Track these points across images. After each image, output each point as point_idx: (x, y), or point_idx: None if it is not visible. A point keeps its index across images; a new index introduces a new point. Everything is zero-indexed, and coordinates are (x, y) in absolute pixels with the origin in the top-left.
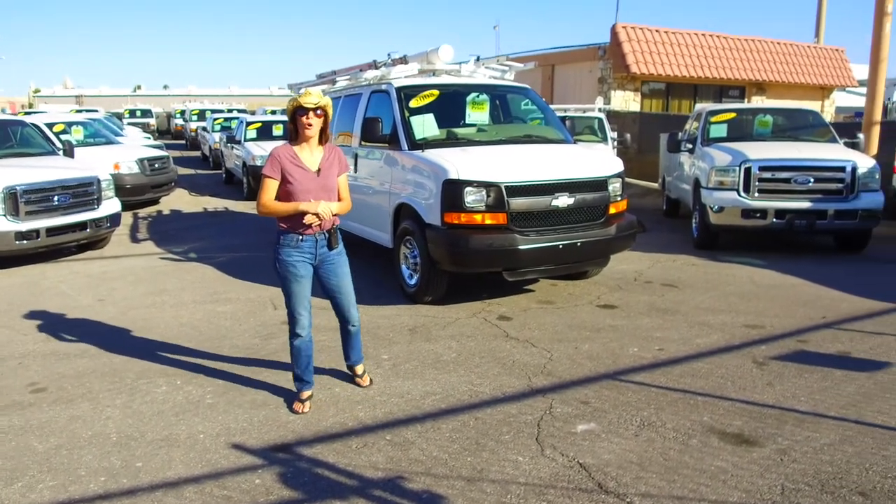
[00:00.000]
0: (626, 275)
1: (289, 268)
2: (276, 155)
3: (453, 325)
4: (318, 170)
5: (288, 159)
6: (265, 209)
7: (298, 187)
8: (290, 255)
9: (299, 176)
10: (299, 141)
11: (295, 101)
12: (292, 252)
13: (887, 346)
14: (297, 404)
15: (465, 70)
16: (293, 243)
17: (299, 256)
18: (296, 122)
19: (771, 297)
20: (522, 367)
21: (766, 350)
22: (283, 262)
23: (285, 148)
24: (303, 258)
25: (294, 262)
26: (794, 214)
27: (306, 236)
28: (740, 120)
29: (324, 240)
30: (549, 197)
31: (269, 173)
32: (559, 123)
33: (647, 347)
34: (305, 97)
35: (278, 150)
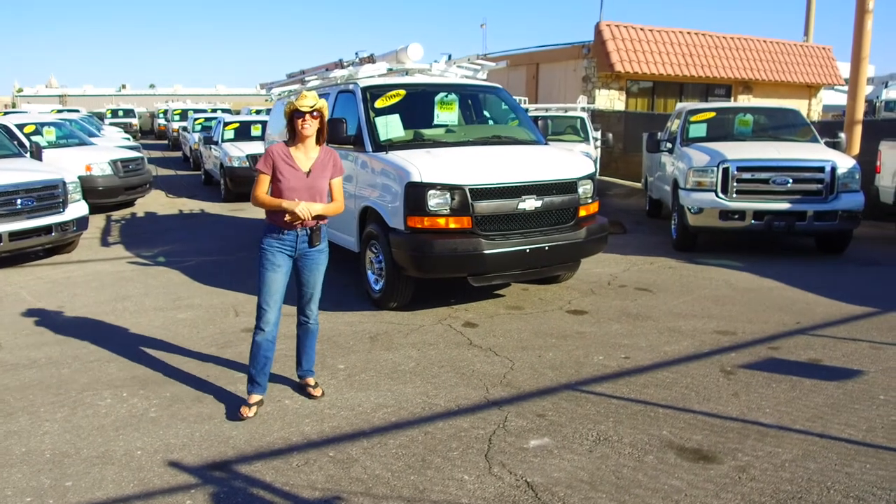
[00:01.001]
0: (600, 278)
1: (267, 255)
2: (270, 151)
3: (416, 333)
4: (308, 171)
5: (281, 157)
6: (255, 201)
7: (286, 185)
8: (270, 245)
9: (288, 175)
10: (296, 142)
11: (292, 104)
12: (273, 242)
13: (860, 353)
14: (244, 408)
15: (436, 69)
16: (274, 237)
17: (279, 246)
18: (293, 124)
19: (746, 302)
20: (481, 378)
21: (735, 358)
22: (263, 251)
23: (281, 146)
24: (282, 249)
25: (273, 252)
26: (772, 216)
27: (288, 230)
28: (720, 119)
29: (305, 236)
30: (515, 200)
31: (261, 168)
32: (531, 124)
33: (612, 355)
34: (301, 100)
35: (274, 147)
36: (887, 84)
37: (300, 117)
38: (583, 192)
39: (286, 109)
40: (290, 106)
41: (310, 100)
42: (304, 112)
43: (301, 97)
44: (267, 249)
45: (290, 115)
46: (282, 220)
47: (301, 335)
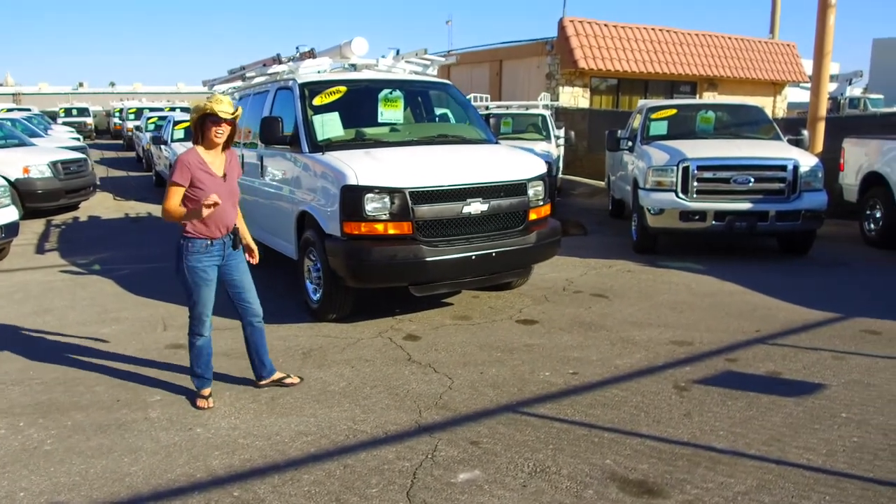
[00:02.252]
0: (555, 284)
1: (200, 273)
2: (185, 162)
3: (353, 348)
4: (223, 175)
5: (197, 165)
6: (169, 215)
7: (207, 192)
8: (200, 261)
9: (208, 182)
10: (205, 146)
11: (207, 107)
12: (202, 258)
13: (822, 363)
14: (201, 401)
15: (383, 65)
16: (202, 248)
17: (209, 261)
18: (205, 128)
19: (705, 308)
20: (416, 399)
21: (690, 372)
22: (193, 269)
23: (192, 154)
24: (212, 262)
25: (205, 268)
26: (734, 216)
27: (215, 240)
28: (682, 117)
29: (230, 241)
30: (459, 203)
31: (179, 181)
32: (481, 122)
33: (560, 371)
34: (220, 105)
35: (187, 156)
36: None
37: (216, 123)
38: (533, 194)
39: (195, 111)
40: (204, 108)
41: (227, 106)
42: (222, 119)
43: (216, 101)
44: (197, 267)
45: (201, 118)
46: (207, 229)
47: (255, 338)
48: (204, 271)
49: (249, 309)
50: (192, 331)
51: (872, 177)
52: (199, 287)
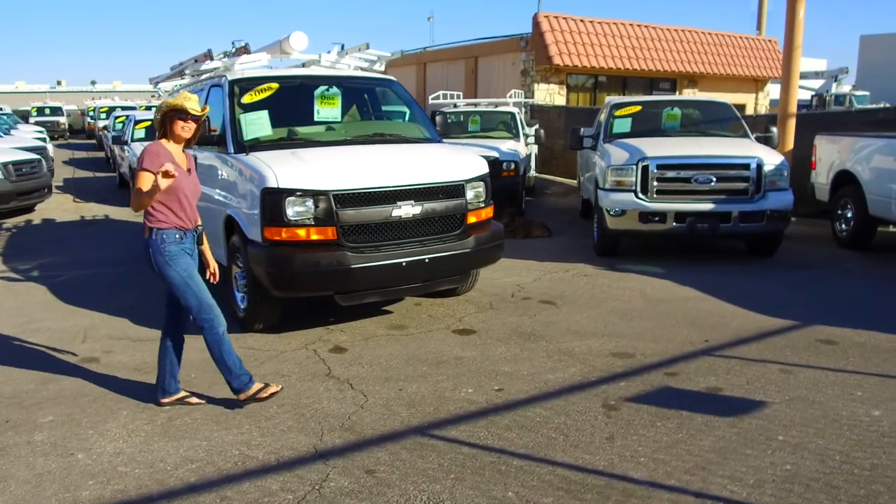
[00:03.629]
0: (505, 289)
1: (179, 260)
2: (154, 151)
3: (274, 361)
4: (189, 169)
5: (166, 156)
6: (140, 201)
7: (176, 184)
8: (180, 251)
9: (180, 175)
10: (170, 140)
11: (177, 103)
12: (180, 248)
13: (767, 378)
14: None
15: (326, 60)
16: (177, 240)
17: (184, 250)
18: (171, 123)
19: (656, 315)
20: (322, 420)
21: (624, 388)
22: (178, 256)
23: (159, 145)
24: (186, 251)
25: (183, 253)
26: (695, 217)
27: (187, 231)
28: (647, 113)
29: (196, 235)
30: (389, 206)
31: (149, 167)
32: (425, 120)
33: (485, 387)
34: (189, 102)
35: (156, 146)
36: (837, 78)
37: (183, 119)
38: (473, 195)
39: (163, 106)
40: (172, 104)
41: (195, 103)
42: (188, 115)
43: (185, 98)
44: (178, 255)
45: (168, 113)
46: (179, 219)
47: (177, 347)
48: (184, 257)
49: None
50: (210, 324)
51: (843, 175)
52: (192, 272)
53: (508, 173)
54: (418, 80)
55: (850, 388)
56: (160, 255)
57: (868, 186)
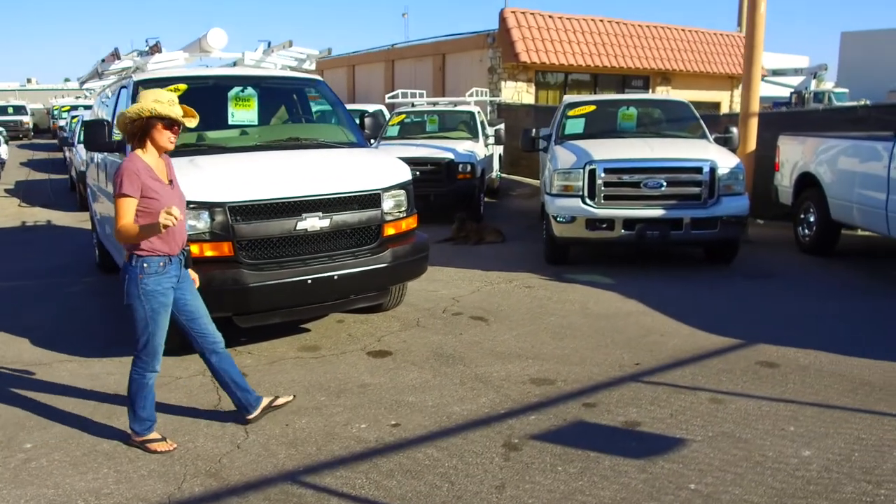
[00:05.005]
0: (438, 303)
1: (159, 297)
2: (133, 170)
3: (164, 389)
4: (170, 181)
5: (146, 173)
6: (128, 234)
7: (163, 202)
8: (159, 284)
9: (161, 190)
10: (148, 151)
11: (161, 111)
12: (161, 279)
13: (694, 409)
14: (158, 444)
15: (250, 59)
16: (159, 269)
17: (168, 283)
18: (152, 132)
19: (591, 333)
20: (190, 462)
21: (533, 423)
22: (153, 294)
23: (136, 160)
24: (170, 283)
25: (164, 291)
26: (644, 224)
27: (172, 258)
28: (601, 113)
29: (183, 258)
30: (293, 219)
31: (130, 192)
32: (350, 123)
33: (380, 422)
34: (174, 108)
35: (133, 163)
36: (816, 75)
37: (170, 127)
38: (392, 205)
39: (143, 112)
40: (159, 110)
41: (178, 107)
42: (176, 123)
43: (168, 101)
44: (156, 290)
45: (150, 120)
46: (165, 244)
47: (225, 366)
48: (164, 294)
49: (208, 335)
50: (143, 367)
51: (806, 178)
52: (157, 315)
53: (464, 175)
54: (386, 78)
55: (783, 421)
56: (134, 286)
57: (830, 190)
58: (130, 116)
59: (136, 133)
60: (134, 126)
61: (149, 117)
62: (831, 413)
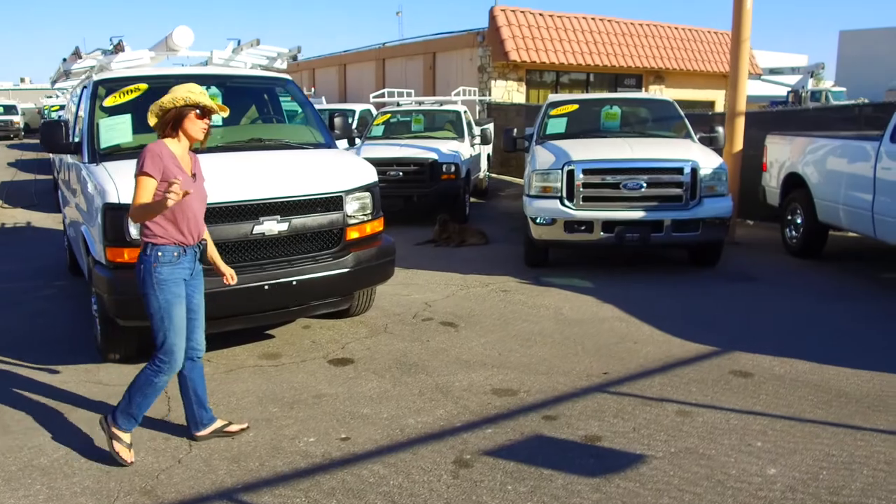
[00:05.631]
0: (409, 308)
1: (172, 287)
2: (156, 152)
3: (116, 397)
4: (193, 175)
5: (170, 158)
6: (141, 212)
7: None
8: (172, 273)
9: (184, 179)
10: (179, 140)
11: (195, 98)
12: (175, 270)
13: (659, 422)
14: (123, 450)
15: (218, 57)
16: (173, 258)
17: (181, 273)
18: (185, 120)
19: (562, 340)
20: (126, 478)
21: (489, 437)
22: (165, 283)
23: (162, 145)
24: (183, 275)
25: (177, 280)
26: (624, 226)
27: (188, 248)
28: (584, 112)
29: (198, 252)
30: (249, 222)
31: (151, 171)
32: (318, 123)
33: (330, 436)
34: (201, 96)
35: (157, 147)
36: (813, 74)
37: (202, 116)
38: (357, 207)
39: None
40: (187, 97)
41: (207, 98)
42: (208, 112)
43: (196, 90)
44: (169, 280)
45: (184, 108)
46: (180, 233)
47: (193, 376)
48: (177, 284)
49: (195, 339)
50: (157, 368)
51: (793, 178)
52: (172, 306)
53: (448, 176)
54: (377, 76)
55: (752, 435)
56: (149, 276)
57: (816, 190)
58: (164, 106)
59: (168, 122)
60: (167, 116)
61: (182, 106)
62: (802, 427)
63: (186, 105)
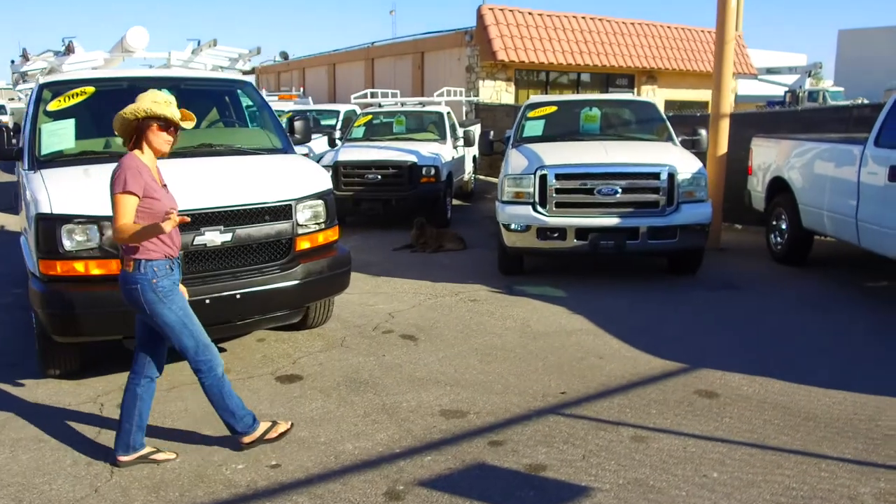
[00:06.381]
0: (372, 319)
1: (171, 295)
2: (136, 168)
3: (50, 419)
4: (164, 185)
5: (147, 172)
6: (128, 233)
7: (162, 205)
8: (171, 283)
9: (159, 193)
10: (144, 153)
11: (156, 110)
12: (172, 280)
13: (611, 449)
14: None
15: (177, 58)
16: (168, 271)
17: (175, 283)
18: (147, 131)
19: (524, 355)
20: None
21: (427, 464)
22: (170, 293)
23: (136, 158)
24: (176, 284)
25: (175, 289)
26: (598, 234)
27: (174, 259)
28: (563, 114)
29: (180, 262)
30: (190, 233)
31: (134, 189)
32: (277, 127)
33: (259, 462)
34: (170, 108)
35: (134, 160)
36: (811, 73)
37: (166, 128)
38: (309, 216)
39: (138, 112)
40: (149, 108)
41: (175, 108)
42: (172, 124)
43: (164, 101)
44: (171, 289)
45: (145, 120)
46: (168, 247)
47: (147, 397)
48: (175, 293)
49: (156, 360)
50: (209, 366)
51: (778, 182)
52: (186, 309)
53: (428, 179)
54: (366, 76)
55: (708, 465)
56: (152, 293)
57: (801, 195)
58: (126, 117)
59: (131, 134)
60: (129, 126)
61: (144, 118)
62: (764, 456)
63: (148, 117)
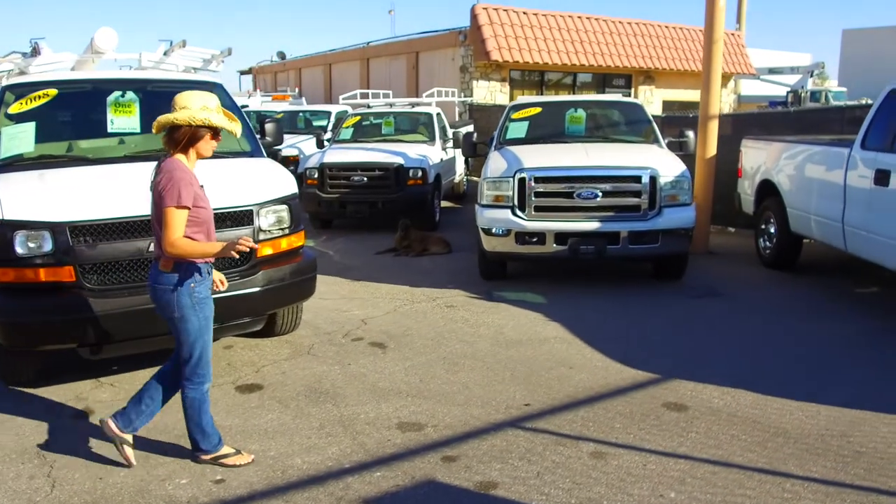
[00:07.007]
0: (343, 325)
1: (209, 303)
2: (188, 179)
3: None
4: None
5: (195, 181)
6: (183, 250)
7: (208, 213)
8: (206, 290)
9: (205, 201)
10: (189, 158)
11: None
12: (207, 286)
13: (568, 466)
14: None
15: (147, 60)
16: (206, 276)
17: (208, 289)
18: (199, 139)
19: (493, 364)
20: None
21: (374, 481)
22: (203, 301)
23: (184, 166)
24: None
25: (209, 296)
26: (578, 238)
27: (210, 265)
28: (548, 116)
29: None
30: (145, 239)
31: (187, 202)
32: (247, 130)
33: (205, 477)
34: (216, 116)
35: (184, 171)
36: (813, 73)
37: (215, 136)
38: (272, 221)
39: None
40: (206, 119)
41: (222, 115)
42: (217, 131)
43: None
44: (207, 297)
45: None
46: None
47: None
48: (209, 302)
49: None
50: (200, 381)
51: (767, 185)
52: (209, 322)
53: (415, 181)
54: (362, 76)
55: (667, 484)
56: (187, 297)
57: (788, 199)
58: (178, 122)
59: (181, 140)
60: (180, 133)
61: (199, 126)
62: (727, 474)
63: (203, 126)
